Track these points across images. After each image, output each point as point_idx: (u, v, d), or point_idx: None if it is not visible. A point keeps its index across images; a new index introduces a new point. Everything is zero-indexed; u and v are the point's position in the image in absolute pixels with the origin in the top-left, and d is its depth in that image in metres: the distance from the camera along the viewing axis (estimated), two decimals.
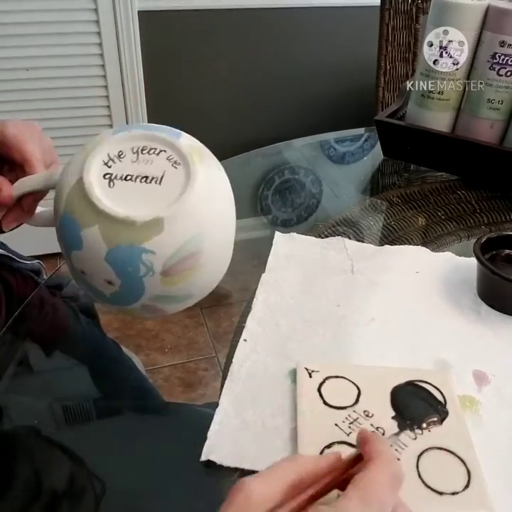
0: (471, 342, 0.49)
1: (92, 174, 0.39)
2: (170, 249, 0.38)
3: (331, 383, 0.43)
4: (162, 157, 0.40)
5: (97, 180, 0.39)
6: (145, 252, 0.38)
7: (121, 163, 0.40)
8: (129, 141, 0.40)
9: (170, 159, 0.40)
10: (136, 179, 0.39)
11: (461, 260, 0.59)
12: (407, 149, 0.78)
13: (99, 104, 1.47)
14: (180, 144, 0.40)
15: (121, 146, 0.40)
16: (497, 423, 0.41)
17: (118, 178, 0.39)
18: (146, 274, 0.38)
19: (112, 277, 0.39)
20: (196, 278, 0.41)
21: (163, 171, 0.39)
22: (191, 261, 0.40)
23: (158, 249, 0.38)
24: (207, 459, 0.38)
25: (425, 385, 0.43)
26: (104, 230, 0.38)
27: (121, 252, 0.38)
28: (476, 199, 0.73)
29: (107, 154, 0.40)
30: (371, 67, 1.16)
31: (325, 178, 0.82)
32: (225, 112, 1.60)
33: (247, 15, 1.47)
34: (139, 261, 0.38)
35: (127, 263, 0.38)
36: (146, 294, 0.40)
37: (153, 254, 0.38)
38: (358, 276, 0.56)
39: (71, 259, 0.41)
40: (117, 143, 0.40)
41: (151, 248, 0.38)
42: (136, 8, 1.37)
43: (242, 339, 0.48)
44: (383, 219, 0.70)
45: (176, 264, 0.39)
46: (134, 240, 0.38)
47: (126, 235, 0.37)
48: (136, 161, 0.40)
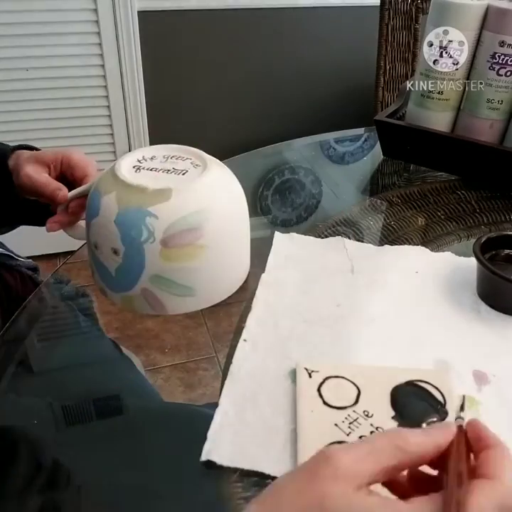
0: (471, 342, 0.49)
1: (123, 163, 0.46)
2: (172, 217, 0.43)
3: (331, 383, 0.43)
4: (187, 162, 0.48)
5: (126, 167, 0.46)
6: (149, 216, 0.42)
7: (152, 162, 0.47)
8: (164, 150, 0.49)
9: (193, 163, 0.47)
10: (159, 171, 0.46)
11: (460, 260, 0.59)
12: (407, 149, 0.78)
13: (98, 104, 1.47)
14: (207, 157, 0.48)
15: (156, 153, 0.49)
16: (497, 423, 0.41)
17: (145, 169, 0.46)
18: (147, 239, 0.42)
19: (117, 244, 0.43)
20: (196, 263, 0.44)
21: (184, 168, 0.47)
22: (191, 236, 0.43)
23: (162, 214, 0.42)
24: (207, 459, 0.38)
25: (425, 385, 0.43)
26: (119, 194, 0.43)
27: (129, 214, 0.42)
28: (475, 199, 0.73)
29: (142, 156, 0.48)
30: (371, 67, 1.16)
31: (325, 178, 0.82)
32: (225, 112, 1.60)
33: (246, 15, 1.47)
34: (143, 223, 0.42)
35: (132, 225, 0.42)
36: (146, 270, 0.44)
37: (156, 219, 0.42)
38: (358, 276, 0.56)
39: (89, 231, 0.46)
40: (153, 150, 0.49)
41: (155, 212, 0.42)
42: (135, 8, 1.37)
43: (242, 339, 0.48)
44: (383, 219, 0.70)
45: (176, 236, 0.43)
46: (141, 203, 0.42)
47: (136, 198, 0.43)
48: (164, 162, 0.47)
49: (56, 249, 1.57)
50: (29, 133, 1.45)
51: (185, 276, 0.45)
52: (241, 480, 0.38)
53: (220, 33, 1.48)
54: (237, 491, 0.37)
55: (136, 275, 0.44)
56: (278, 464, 0.38)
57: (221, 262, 0.47)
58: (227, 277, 0.49)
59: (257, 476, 0.37)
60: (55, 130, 1.47)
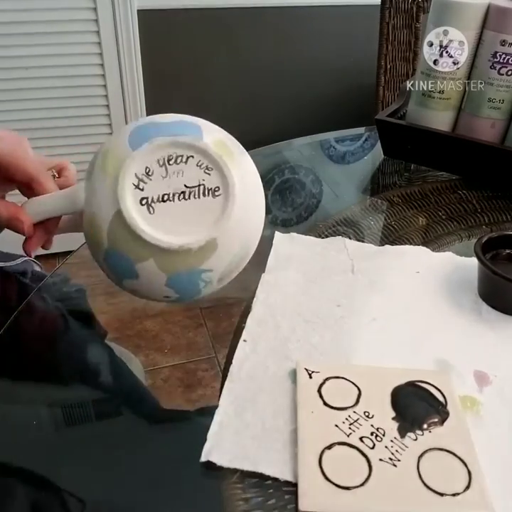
0: (472, 342, 0.49)
1: (128, 204, 0.37)
2: (225, 262, 0.40)
3: (331, 384, 0.43)
4: (191, 164, 0.38)
5: (136, 210, 0.37)
6: (204, 272, 0.40)
7: (152, 181, 0.37)
8: (151, 153, 0.37)
9: (200, 166, 0.38)
10: (173, 198, 0.38)
11: (461, 260, 0.58)
12: (408, 149, 0.78)
13: (98, 104, 1.47)
14: (205, 145, 0.38)
15: (146, 162, 0.37)
16: (498, 424, 0.41)
17: (155, 201, 0.37)
18: (205, 286, 0.41)
19: (172, 294, 0.41)
20: (241, 269, 0.44)
21: (197, 181, 0.38)
22: (242, 263, 0.43)
23: (215, 266, 0.40)
24: (207, 460, 0.38)
25: (426, 386, 0.43)
26: (160, 261, 0.38)
27: (181, 277, 0.39)
28: (477, 199, 0.72)
29: (135, 175, 0.37)
30: (371, 66, 1.16)
31: (325, 177, 0.82)
32: (224, 112, 1.60)
33: (246, 14, 1.47)
34: (199, 279, 0.40)
35: (188, 284, 0.40)
36: (200, 296, 0.43)
37: (211, 272, 0.40)
38: (359, 276, 0.56)
39: (123, 284, 0.41)
40: (140, 159, 0.37)
41: (208, 267, 0.39)
42: (135, 7, 1.36)
43: (242, 339, 0.48)
44: (384, 219, 0.69)
45: (230, 271, 0.42)
46: (192, 265, 0.39)
47: (183, 262, 0.38)
48: (166, 176, 0.38)
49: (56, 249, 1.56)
50: (28, 132, 1.45)
51: None
52: (241, 481, 0.37)
53: (220, 31, 1.48)
54: (237, 492, 0.37)
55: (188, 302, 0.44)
56: (278, 465, 0.38)
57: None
58: None
59: (256, 477, 0.37)
60: (54, 129, 1.46)
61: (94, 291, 0.59)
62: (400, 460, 0.37)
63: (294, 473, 0.37)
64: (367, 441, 0.38)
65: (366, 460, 0.37)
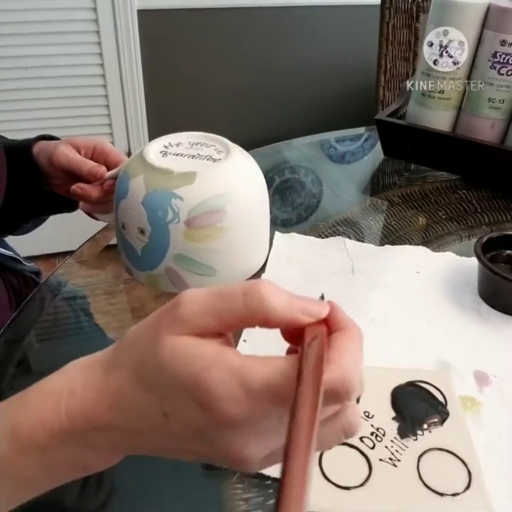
0: (472, 342, 0.49)
1: (151, 148, 0.49)
2: (196, 199, 0.45)
3: None
4: (211, 148, 0.51)
5: (153, 152, 0.49)
6: (174, 197, 0.45)
7: (178, 148, 0.50)
8: (190, 137, 0.52)
9: (216, 149, 0.50)
10: (185, 156, 0.49)
11: (461, 260, 0.58)
12: (408, 149, 0.78)
13: (98, 104, 1.47)
14: (227, 141, 0.51)
15: (182, 139, 0.52)
16: (498, 424, 0.41)
17: (171, 154, 0.49)
18: (172, 220, 0.45)
19: (144, 224, 0.46)
20: (217, 244, 0.47)
21: (209, 154, 0.49)
22: (214, 218, 0.46)
23: (187, 196, 0.45)
24: None
25: (426, 386, 0.43)
26: (147, 177, 0.46)
27: (156, 196, 0.45)
28: (477, 199, 0.72)
29: (169, 142, 0.51)
30: (371, 66, 1.16)
31: (325, 177, 0.82)
32: (224, 112, 1.60)
33: (247, 14, 1.47)
34: (168, 205, 0.45)
35: (159, 206, 0.45)
36: (170, 249, 0.46)
37: (181, 200, 0.45)
38: (359, 276, 0.56)
39: (118, 212, 0.49)
40: (179, 137, 0.52)
41: (180, 194, 0.45)
42: (135, 7, 1.36)
43: (242, 340, 0.48)
44: (384, 219, 0.69)
45: (200, 217, 0.45)
46: (168, 186, 0.45)
47: (163, 181, 0.45)
48: (189, 148, 0.50)
49: (55, 249, 1.57)
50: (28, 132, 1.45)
51: (206, 256, 0.48)
52: (241, 481, 0.37)
53: (220, 32, 1.48)
54: (237, 492, 0.37)
55: (161, 254, 0.47)
56: (278, 465, 0.38)
57: (241, 243, 0.50)
58: (247, 259, 0.52)
59: (256, 477, 0.37)
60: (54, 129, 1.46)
61: (94, 291, 0.59)
62: (399, 460, 0.37)
63: None
64: (367, 441, 0.38)
65: (366, 460, 0.37)
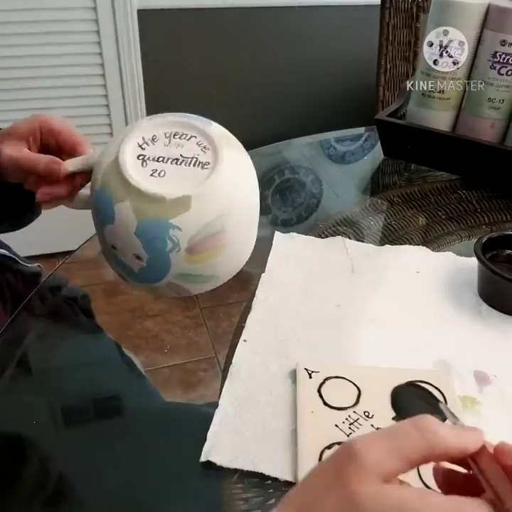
0: (472, 342, 0.49)
1: (126, 154, 0.41)
2: (196, 227, 0.41)
3: (331, 384, 0.43)
4: (193, 142, 0.43)
5: (131, 160, 0.41)
6: (172, 228, 0.40)
7: (155, 145, 0.43)
8: (163, 126, 0.43)
9: (200, 144, 0.43)
10: (167, 161, 0.42)
11: (461, 260, 0.58)
12: (408, 149, 0.78)
13: (98, 103, 1.47)
14: (210, 130, 0.43)
15: (156, 131, 0.43)
16: (498, 424, 0.41)
17: (151, 160, 0.42)
18: (173, 249, 0.41)
19: (141, 251, 0.41)
20: (220, 258, 0.44)
21: (192, 154, 0.42)
22: (215, 240, 0.42)
23: (185, 226, 0.40)
24: (206, 460, 0.38)
25: (426, 386, 0.43)
26: (135, 204, 0.40)
27: (150, 226, 0.40)
28: (476, 199, 0.72)
29: (142, 138, 0.43)
30: (371, 66, 1.15)
31: (325, 177, 0.82)
32: (224, 112, 1.60)
33: (246, 14, 1.47)
34: (166, 236, 0.40)
35: (155, 237, 0.41)
36: (171, 271, 0.43)
37: (180, 231, 0.40)
38: (358, 276, 0.56)
39: (104, 234, 0.43)
40: (152, 128, 0.43)
41: (178, 224, 0.40)
42: (135, 7, 1.36)
43: (242, 339, 0.48)
44: (383, 219, 0.69)
45: (201, 242, 0.41)
46: (162, 216, 0.40)
47: (155, 210, 0.40)
48: (168, 145, 0.43)
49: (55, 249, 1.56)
50: None
51: (209, 269, 0.44)
52: (241, 481, 0.37)
53: (220, 32, 1.48)
54: (236, 492, 0.37)
55: (161, 275, 0.44)
56: (278, 465, 0.38)
57: (241, 247, 0.46)
58: (243, 255, 0.48)
59: (256, 477, 0.37)
60: None
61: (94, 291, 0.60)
62: None
63: (293, 473, 0.37)
64: None
65: None
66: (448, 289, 0.54)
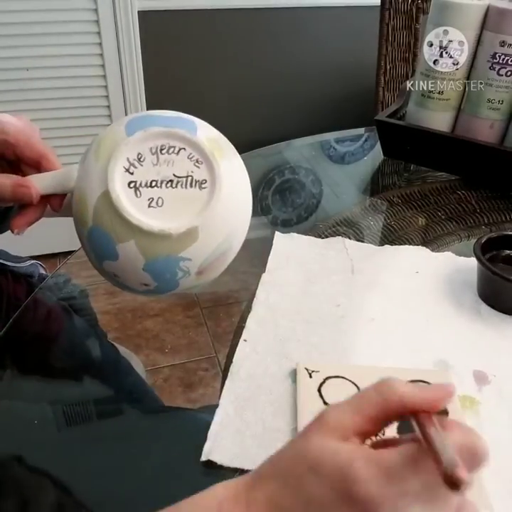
0: (472, 342, 0.49)
1: (117, 185, 0.37)
2: (205, 254, 0.40)
3: (331, 383, 0.43)
4: (183, 156, 0.39)
5: (123, 191, 0.38)
6: (182, 260, 0.39)
7: (143, 167, 0.38)
8: (145, 141, 0.39)
9: (191, 158, 0.39)
10: (161, 185, 0.38)
11: (461, 260, 0.59)
12: (407, 149, 0.78)
13: (98, 104, 1.47)
14: (198, 139, 0.39)
15: (139, 148, 0.39)
16: (497, 423, 0.41)
17: (143, 186, 0.38)
18: (183, 276, 0.40)
19: (149, 281, 0.40)
20: (224, 267, 0.43)
21: (186, 172, 0.39)
22: (224, 258, 0.42)
23: (195, 255, 0.39)
24: (207, 459, 0.38)
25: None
26: (140, 244, 0.38)
27: (160, 263, 0.39)
28: (476, 199, 0.73)
29: (127, 159, 0.38)
30: (371, 67, 1.16)
31: (325, 178, 0.82)
32: (225, 112, 1.60)
33: (246, 15, 1.47)
34: (177, 268, 0.39)
35: (165, 271, 0.39)
36: (178, 289, 0.42)
37: (190, 261, 0.39)
38: (358, 276, 0.56)
39: (103, 266, 0.41)
40: (134, 145, 0.38)
41: (187, 256, 0.39)
42: (136, 8, 1.37)
43: (242, 339, 0.48)
44: (383, 219, 0.70)
45: (210, 264, 0.41)
46: (171, 251, 0.38)
47: (163, 247, 0.38)
48: (157, 164, 0.39)
49: (56, 249, 1.57)
50: None
51: (215, 277, 0.44)
52: None
53: (220, 32, 1.48)
54: None
55: (166, 293, 0.43)
56: None
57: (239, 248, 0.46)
58: None
59: None
60: (55, 130, 1.46)
61: (95, 291, 0.60)
62: None
63: None
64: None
65: None
66: (447, 289, 0.54)
